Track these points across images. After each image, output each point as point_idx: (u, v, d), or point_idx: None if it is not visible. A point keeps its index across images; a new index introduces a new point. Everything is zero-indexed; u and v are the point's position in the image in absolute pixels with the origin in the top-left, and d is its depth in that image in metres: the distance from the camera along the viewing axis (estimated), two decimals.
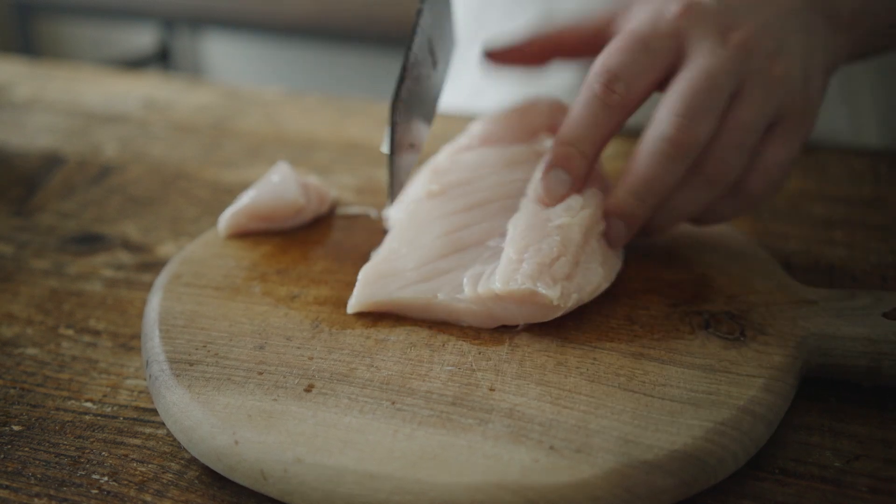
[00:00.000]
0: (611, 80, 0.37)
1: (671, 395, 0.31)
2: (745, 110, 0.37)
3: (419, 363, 0.34)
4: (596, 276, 0.36)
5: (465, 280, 0.37)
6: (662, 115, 0.37)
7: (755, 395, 0.31)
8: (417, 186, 0.44)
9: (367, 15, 2.02)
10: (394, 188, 0.37)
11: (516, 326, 0.36)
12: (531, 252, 0.36)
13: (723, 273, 0.40)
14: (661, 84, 0.38)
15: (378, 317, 0.37)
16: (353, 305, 0.37)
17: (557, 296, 0.34)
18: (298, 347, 0.35)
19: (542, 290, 0.34)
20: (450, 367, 0.33)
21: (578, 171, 0.37)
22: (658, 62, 0.38)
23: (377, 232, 0.44)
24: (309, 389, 0.32)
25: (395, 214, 0.44)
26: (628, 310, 0.37)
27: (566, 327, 0.36)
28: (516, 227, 0.37)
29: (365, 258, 0.41)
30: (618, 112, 0.37)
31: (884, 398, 0.35)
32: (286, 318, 0.37)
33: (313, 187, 0.46)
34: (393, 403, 0.31)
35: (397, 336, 0.35)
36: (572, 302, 0.35)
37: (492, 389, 0.32)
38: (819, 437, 0.33)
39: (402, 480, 0.28)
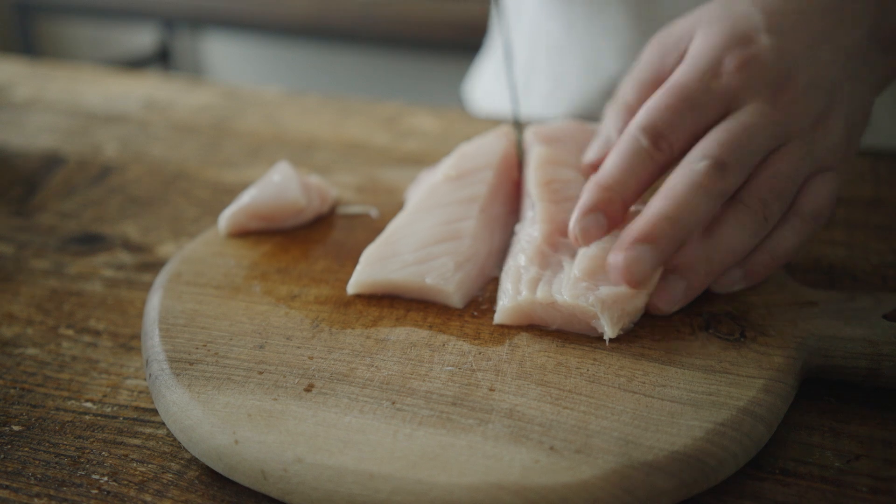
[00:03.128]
0: (657, 138, 0.37)
1: (671, 396, 0.31)
2: (785, 162, 0.37)
3: (419, 363, 0.34)
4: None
5: (506, 282, 0.37)
6: (694, 157, 0.36)
7: (755, 397, 0.31)
8: (442, 167, 0.45)
9: (367, 15, 2.02)
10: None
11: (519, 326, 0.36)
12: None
13: None
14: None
15: (378, 316, 0.37)
16: (353, 285, 0.38)
17: (612, 335, 0.34)
18: (298, 347, 0.35)
19: (604, 321, 0.34)
20: (450, 368, 0.33)
21: (617, 216, 0.37)
22: (706, 119, 0.37)
23: (378, 231, 0.44)
24: (309, 389, 0.32)
25: (418, 190, 0.46)
26: None
27: None
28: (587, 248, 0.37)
29: None
30: (662, 165, 0.38)
31: (884, 398, 0.35)
32: (286, 318, 0.37)
33: (314, 187, 0.46)
34: (393, 403, 0.31)
35: (397, 336, 0.35)
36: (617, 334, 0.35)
37: (492, 390, 0.32)
38: (819, 437, 0.33)
39: (403, 481, 0.28)
